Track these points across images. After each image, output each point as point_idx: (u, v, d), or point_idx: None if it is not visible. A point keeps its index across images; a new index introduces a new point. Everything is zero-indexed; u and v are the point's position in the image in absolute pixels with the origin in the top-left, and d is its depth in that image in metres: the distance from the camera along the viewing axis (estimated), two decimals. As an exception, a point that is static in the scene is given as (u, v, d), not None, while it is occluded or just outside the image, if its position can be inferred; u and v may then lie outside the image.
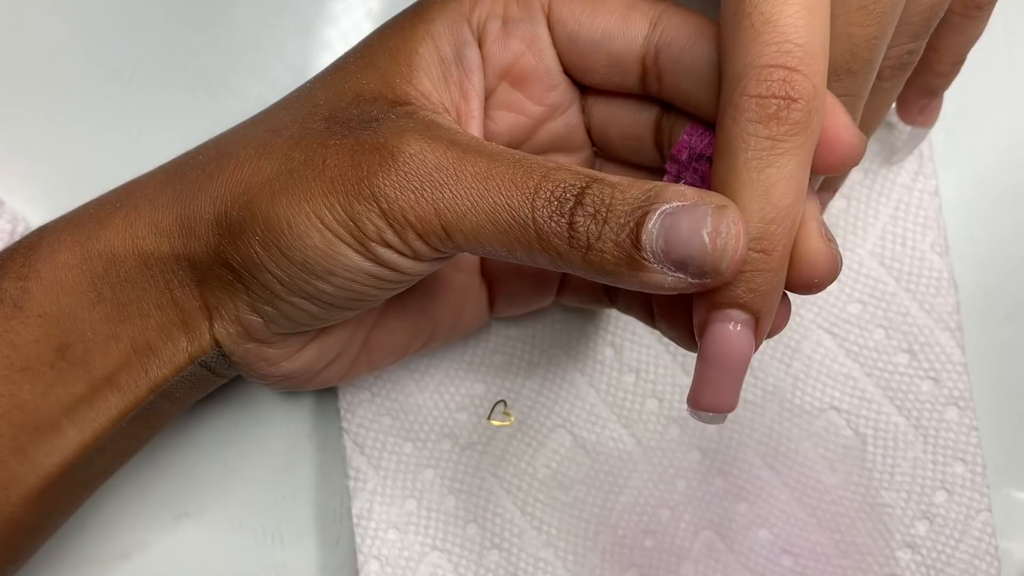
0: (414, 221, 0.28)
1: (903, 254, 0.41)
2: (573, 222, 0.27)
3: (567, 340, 0.41)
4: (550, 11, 0.32)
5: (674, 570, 0.39)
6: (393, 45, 0.31)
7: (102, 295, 0.31)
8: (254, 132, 0.32)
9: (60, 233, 0.32)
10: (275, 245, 0.29)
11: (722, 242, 0.26)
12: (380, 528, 0.39)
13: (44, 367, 0.31)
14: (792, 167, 0.27)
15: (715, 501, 0.40)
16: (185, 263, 0.31)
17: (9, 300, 0.31)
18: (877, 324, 0.40)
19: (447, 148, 0.28)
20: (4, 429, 0.31)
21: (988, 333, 0.41)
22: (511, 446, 0.40)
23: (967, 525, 0.39)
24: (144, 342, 0.32)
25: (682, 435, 0.40)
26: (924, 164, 0.41)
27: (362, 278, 0.29)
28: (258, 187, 0.29)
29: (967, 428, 0.39)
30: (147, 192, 0.32)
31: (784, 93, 0.26)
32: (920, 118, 0.39)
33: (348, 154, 0.29)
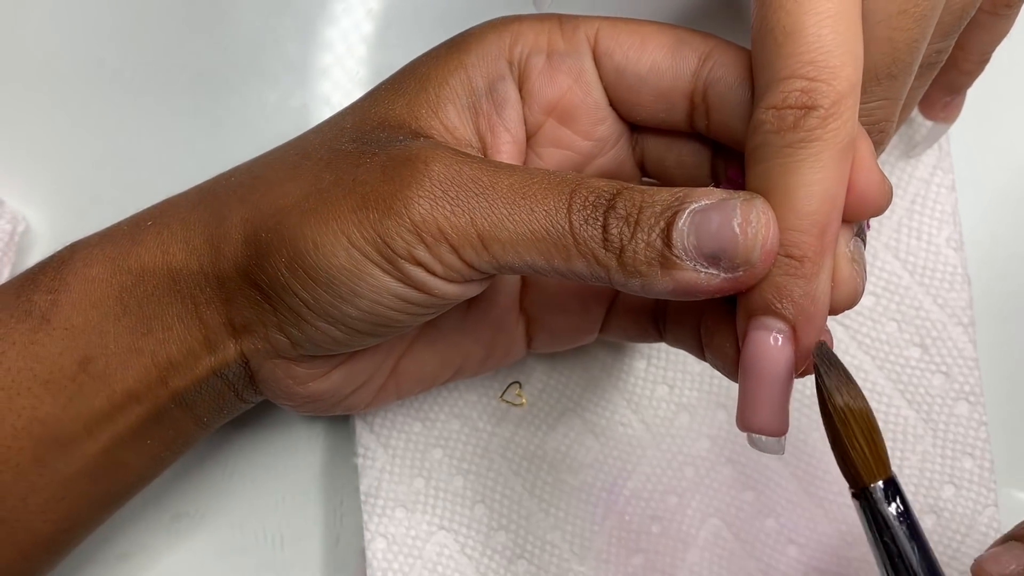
0: (448, 231, 0.28)
1: (918, 248, 0.41)
2: (607, 226, 0.27)
3: (579, 324, 0.41)
4: (596, 44, 0.31)
5: (680, 557, 0.39)
6: (424, 73, 0.31)
7: (127, 308, 0.31)
8: (284, 155, 0.32)
9: (92, 248, 0.32)
10: (300, 266, 0.29)
11: (752, 231, 0.26)
12: (388, 506, 0.39)
13: (66, 380, 0.31)
14: (815, 174, 0.27)
15: (723, 489, 0.40)
16: (214, 281, 0.31)
17: (38, 313, 0.31)
18: (890, 317, 0.40)
19: (480, 162, 0.28)
20: (24, 442, 0.31)
21: (989, 333, 0.41)
22: (520, 428, 0.40)
23: (974, 520, 0.39)
24: (165, 356, 0.32)
25: (691, 422, 0.40)
26: (942, 159, 0.41)
27: (388, 300, 0.29)
28: (288, 208, 0.29)
29: (976, 423, 0.39)
30: (179, 211, 0.32)
31: (802, 103, 0.26)
32: (942, 114, 0.39)
33: (379, 169, 0.28)
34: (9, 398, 0.31)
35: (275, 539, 0.40)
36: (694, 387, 0.40)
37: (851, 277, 0.28)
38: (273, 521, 0.40)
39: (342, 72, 0.43)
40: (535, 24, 0.32)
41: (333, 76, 0.43)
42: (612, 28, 0.31)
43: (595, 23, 0.32)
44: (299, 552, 0.40)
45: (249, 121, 0.42)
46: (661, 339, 0.35)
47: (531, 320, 0.36)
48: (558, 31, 0.32)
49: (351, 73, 0.43)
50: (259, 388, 0.33)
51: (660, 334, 0.34)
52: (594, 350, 0.40)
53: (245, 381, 0.33)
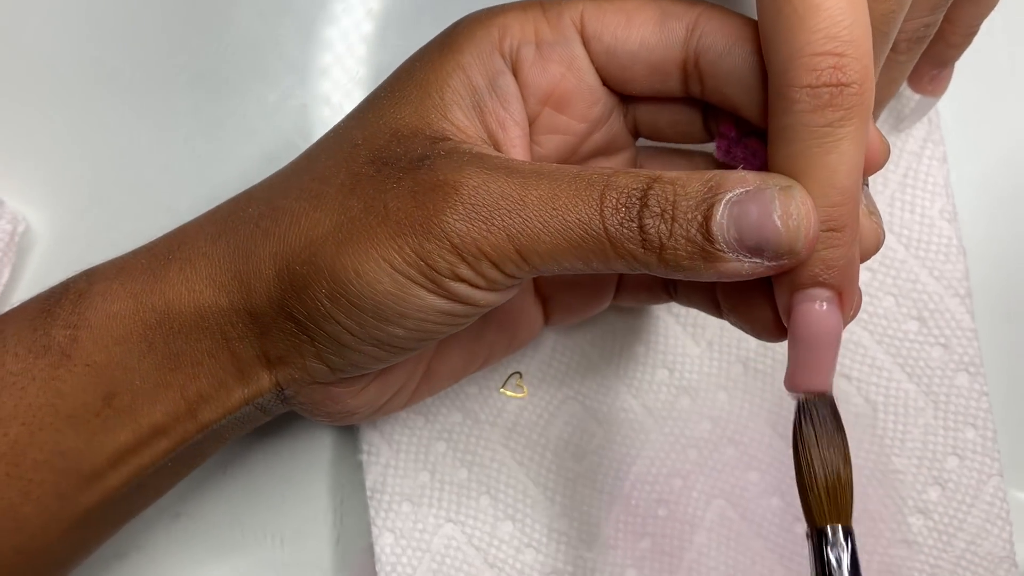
0: (488, 250, 0.28)
1: (912, 221, 0.41)
2: (643, 225, 0.27)
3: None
4: (583, 28, 0.31)
5: (687, 539, 0.39)
6: (423, 78, 0.31)
7: (153, 345, 0.31)
8: (300, 182, 0.31)
9: (111, 282, 0.32)
10: (343, 296, 0.29)
11: (794, 223, 0.26)
12: (394, 501, 0.39)
13: (90, 415, 0.31)
14: (852, 149, 0.27)
15: (727, 470, 0.40)
16: (246, 317, 0.31)
17: (57, 348, 0.31)
18: (887, 292, 0.40)
19: (507, 176, 0.28)
20: (46, 475, 0.31)
21: (989, 334, 0.41)
22: (522, 418, 0.40)
23: (979, 490, 0.39)
24: (196, 390, 0.31)
25: (693, 405, 0.40)
26: (932, 131, 0.41)
27: (434, 316, 0.29)
28: (320, 240, 0.29)
29: (977, 393, 0.40)
30: (200, 245, 0.32)
31: (836, 80, 0.26)
32: (930, 87, 0.39)
33: (409, 196, 0.28)
34: (31, 433, 0.30)
35: (275, 539, 0.40)
36: (694, 370, 0.40)
37: (873, 227, 0.29)
38: (273, 521, 0.40)
39: (342, 72, 0.43)
40: (519, 15, 0.32)
41: (333, 76, 0.43)
42: (596, 9, 0.31)
43: (578, 6, 0.31)
44: (299, 552, 0.40)
45: (249, 121, 0.42)
46: (672, 299, 0.35)
47: (547, 299, 0.37)
48: (543, 19, 0.31)
49: (351, 73, 0.43)
50: (292, 407, 0.33)
51: (671, 295, 0.35)
52: (592, 336, 0.41)
53: (278, 404, 0.33)
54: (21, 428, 0.30)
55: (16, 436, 0.30)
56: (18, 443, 0.30)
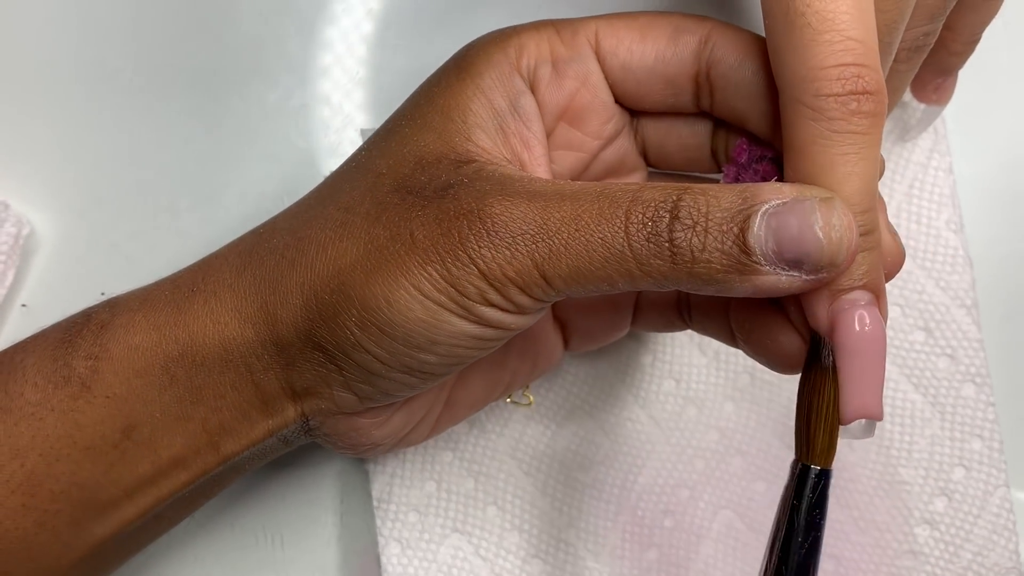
0: (514, 276, 0.28)
1: (918, 232, 0.41)
2: (673, 239, 0.27)
3: (583, 322, 0.41)
4: (598, 45, 0.32)
5: (694, 549, 0.39)
6: (444, 104, 0.31)
7: (175, 378, 0.31)
8: (324, 212, 0.31)
9: (134, 314, 0.31)
10: (373, 324, 0.29)
11: (837, 235, 0.26)
12: (400, 511, 0.39)
13: (108, 447, 0.30)
14: (877, 155, 0.28)
15: (733, 481, 0.40)
16: (272, 348, 0.30)
17: (77, 379, 0.30)
18: (893, 302, 0.40)
19: (529, 200, 0.28)
20: (62, 506, 0.30)
21: (988, 334, 0.41)
22: (529, 428, 0.40)
23: (985, 501, 0.39)
24: (217, 422, 0.31)
25: (699, 415, 0.40)
26: (939, 142, 0.41)
27: (465, 341, 0.29)
28: (348, 269, 0.29)
29: (984, 404, 0.40)
30: (225, 277, 0.31)
31: (861, 88, 0.27)
32: (934, 96, 0.39)
33: (435, 224, 0.28)
34: (48, 464, 0.30)
35: (274, 538, 0.40)
36: (701, 380, 0.40)
37: (896, 246, 0.30)
38: (272, 520, 0.40)
39: (342, 72, 0.43)
40: (534, 34, 0.32)
41: (333, 76, 0.43)
42: (610, 27, 0.32)
43: (591, 24, 0.32)
44: (299, 551, 0.40)
45: (249, 121, 0.42)
46: (688, 327, 0.35)
47: (564, 326, 0.37)
48: (557, 38, 0.32)
49: (351, 73, 0.43)
50: (315, 439, 0.33)
51: (686, 323, 0.35)
52: (600, 347, 0.41)
53: (301, 436, 0.33)
54: (38, 459, 0.30)
55: (33, 466, 0.30)
56: (35, 474, 0.30)
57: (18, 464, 0.30)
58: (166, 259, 0.40)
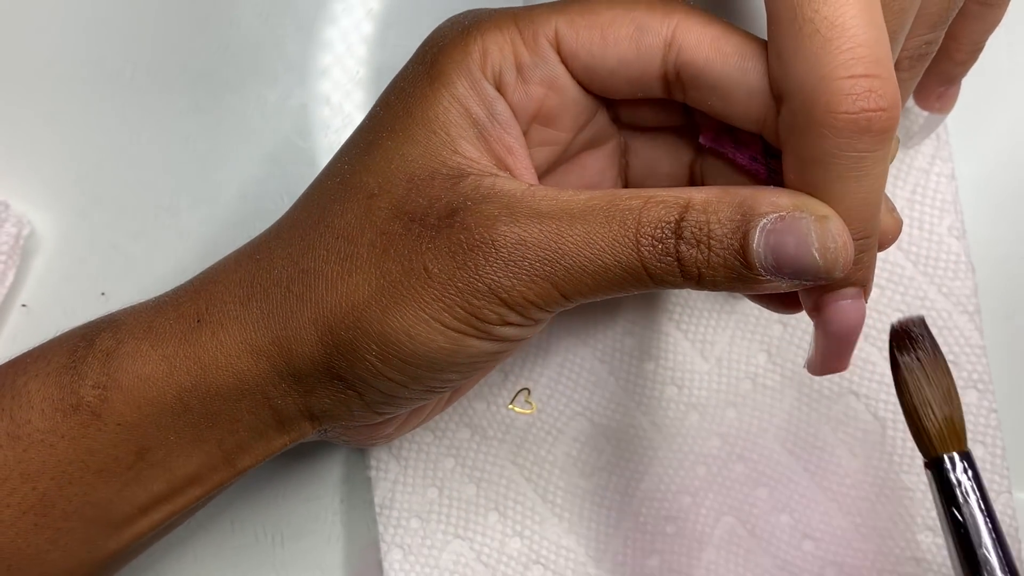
0: (534, 299, 0.28)
1: (920, 238, 0.41)
2: (680, 256, 0.28)
3: (585, 328, 0.41)
4: (559, 47, 0.31)
5: (696, 556, 0.39)
6: (422, 116, 0.31)
7: (189, 407, 0.31)
8: (323, 240, 0.31)
9: (139, 342, 0.31)
10: (396, 356, 0.29)
11: (832, 255, 0.27)
12: (402, 517, 0.39)
13: (122, 469, 0.31)
14: (884, 171, 0.28)
15: (735, 487, 0.40)
16: (289, 379, 0.31)
17: (86, 408, 0.30)
18: (895, 308, 0.40)
19: (540, 223, 0.28)
20: (75, 524, 0.31)
21: (989, 334, 0.41)
22: (530, 434, 0.40)
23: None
24: (234, 443, 0.31)
25: (701, 421, 0.40)
26: (941, 148, 0.41)
27: (485, 357, 0.30)
28: (363, 305, 0.29)
29: (986, 410, 0.39)
30: (229, 308, 0.31)
31: (875, 105, 0.26)
32: (937, 105, 0.39)
33: (448, 257, 0.29)
34: (60, 486, 0.30)
35: (274, 537, 0.40)
36: (703, 386, 0.40)
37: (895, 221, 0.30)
38: (272, 519, 0.40)
39: (342, 72, 0.43)
40: (496, 36, 0.31)
41: (333, 76, 0.43)
42: (570, 26, 0.31)
43: (551, 22, 0.31)
44: (298, 550, 0.40)
45: (249, 121, 0.42)
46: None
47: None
48: (519, 40, 0.31)
49: (351, 73, 0.43)
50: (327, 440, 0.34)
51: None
52: (601, 353, 0.41)
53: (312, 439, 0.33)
54: (50, 482, 0.30)
55: (45, 490, 0.30)
56: (47, 496, 0.30)
57: (30, 488, 0.30)
58: (166, 259, 0.40)
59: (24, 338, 0.40)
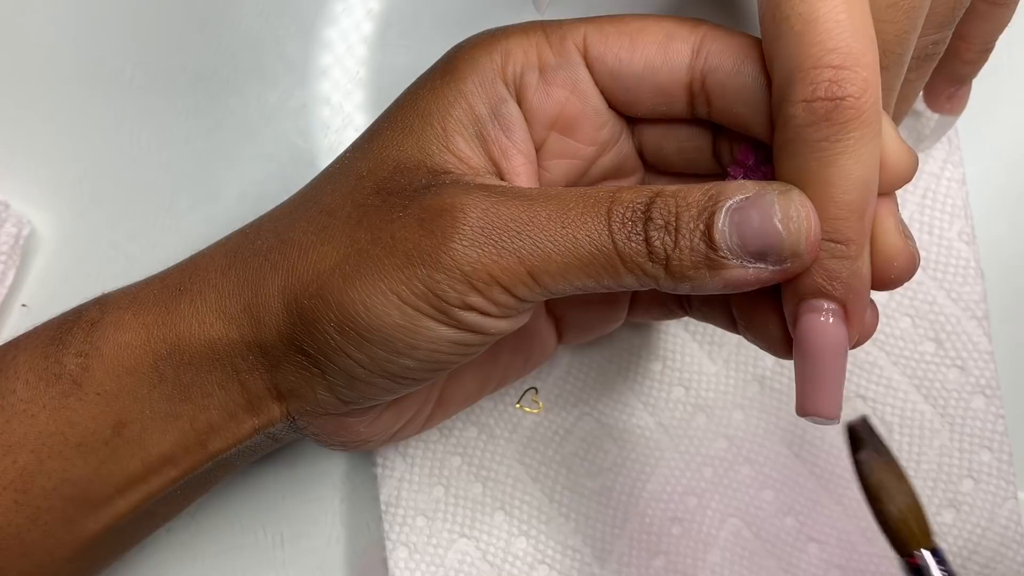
0: (499, 275, 0.28)
1: (930, 243, 0.41)
2: (648, 238, 0.27)
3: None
4: (586, 51, 0.31)
5: (701, 557, 0.39)
6: (425, 108, 0.31)
7: (164, 376, 0.31)
8: (308, 214, 0.31)
9: (123, 312, 0.32)
10: (352, 329, 0.29)
11: (795, 225, 0.27)
12: (408, 515, 0.39)
13: (99, 444, 0.31)
14: (852, 164, 0.27)
15: (741, 489, 0.40)
16: (256, 350, 0.31)
17: (68, 376, 0.31)
18: (903, 313, 0.40)
19: (514, 198, 0.28)
20: (54, 502, 0.31)
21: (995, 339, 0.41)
22: (537, 433, 0.40)
23: (994, 513, 0.39)
24: (205, 421, 0.31)
25: (708, 423, 0.40)
26: (952, 152, 0.41)
27: (446, 347, 0.29)
28: (328, 273, 0.29)
29: (994, 416, 0.40)
30: (211, 277, 0.32)
31: (831, 94, 0.26)
32: (948, 106, 0.39)
33: (416, 224, 0.28)
34: (40, 460, 0.30)
35: (274, 537, 0.40)
36: (710, 388, 0.40)
37: (906, 248, 0.29)
38: (272, 519, 0.40)
39: (342, 72, 0.43)
40: (521, 39, 0.31)
41: (333, 76, 0.43)
42: (599, 32, 0.31)
43: (580, 29, 0.31)
44: (298, 550, 0.40)
45: (249, 121, 0.42)
46: (687, 315, 0.35)
47: (559, 319, 0.37)
48: (545, 43, 0.31)
49: (351, 73, 0.43)
50: (305, 436, 0.33)
51: (686, 310, 0.35)
52: (609, 353, 0.41)
53: (289, 434, 0.33)
54: (30, 456, 0.30)
55: (25, 463, 0.30)
56: (27, 470, 0.30)
57: (10, 461, 0.30)
58: (166, 259, 0.40)
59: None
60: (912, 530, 0.30)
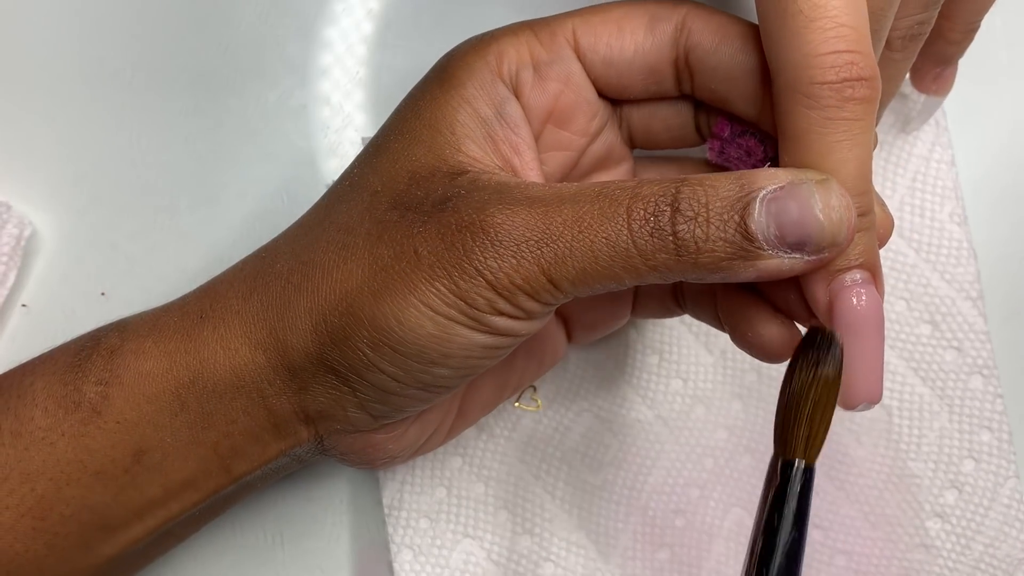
0: (522, 284, 0.28)
1: (922, 225, 0.41)
2: (676, 231, 0.27)
3: (589, 323, 0.41)
4: (576, 43, 0.32)
5: (706, 548, 0.39)
6: (430, 117, 0.31)
7: (186, 404, 0.31)
8: (326, 235, 0.31)
9: (143, 340, 0.31)
10: (386, 344, 0.29)
11: (837, 216, 0.27)
12: (411, 517, 0.39)
13: (119, 472, 0.31)
14: (871, 140, 0.28)
15: (743, 478, 0.40)
16: (284, 373, 0.31)
17: (88, 405, 0.31)
18: (898, 296, 0.40)
19: (530, 206, 0.28)
20: (71, 528, 0.31)
21: (993, 320, 0.41)
22: (537, 431, 0.40)
23: (996, 492, 0.39)
24: (229, 446, 0.31)
25: (708, 414, 0.40)
26: (940, 134, 0.41)
27: (478, 352, 0.29)
28: (355, 291, 0.29)
29: (992, 396, 0.40)
30: (232, 303, 0.31)
31: (856, 75, 0.27)
32: (934, 87, 0.39)
33: (438, 239, 0.28)
34: (58, 488, 0.30)
35: (275, 537, 0.40)
36: (708, 379, 0.40)
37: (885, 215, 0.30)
38: (273, 519, 0.40)
39: (342, 72, 0.43)
40: (512, 39, 0.32)
41: (333, 76, 0.43)
42: (586, 24, 0.32)
43: (567, 23, 0.32)
44: (299, 550, 0.40)
45: (249, 121, 0.42)
46: (683, 312, 0.35)
47: (567, 320, 0.37)
48: (535, 41, 0.32)
49: (351, 73, 0.43)
50: (330, 457, 0.33)
51: (681, 308, 0.35)
52: (605, 348, 0.41)
53: (315, 454, 0.33)
54: (48, 484, 0.30)
55: (43, 491, 0.30)
56: (45, 498, 0.30)
57: (28, 488, 0.30)
58: (166, 259, 0.40)
59: (24, 338, 0.40)
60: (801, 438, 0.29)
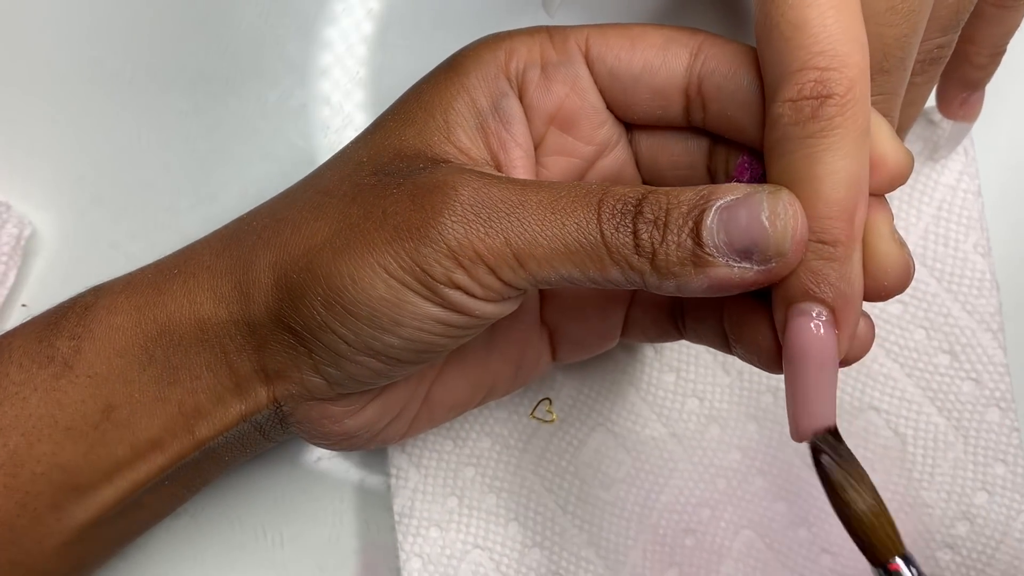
0: (485, 253, 0.28)
1: (945, 255, 0.40)
2: (637, 231, 0.27)
3: (606, 338, 0.41)
4: (588, 50, 0.32)
5: (715, 569, 0.39)
6: (429, 100, 0.31)
7: (153, 357, 0.31)
8: (305, 195, 0.32)
9: (117, 295, 0.32)
10: (338, 303, 0.29)
11: (782, 223, 0.27)
12: (422, 526, 0.39)
13: (88, 428, 0.31)
14: (840, 162, 0.27)
15: (755, 500, 0.40)
16: (244, 328, 0.31)
17: (60, 359, 0.31)
18: (918, 325, 0.40)
19: (507, 182, 0.29)
20: (43, 487, 0.31)
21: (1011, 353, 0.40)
22: (551, 445, 0.40)
23: (1008, 526, 0.39)
24: (193, 404, 0.31)
25: (722, 434, 0.40)
26: (968, 164, 0.41)
27: (430, 326, 0.29)
28: (318, 247, 0.29)
29: (1008, 429, 0.39)
30: (204, 259, 0.32)
31: (817, 93, 0.27)
32: (961, 112, 0.39)
33: (408, 198, 0.29)
34: (30, 444, 0.31)
35: (275, 537, 0.40)
36: (724, 399, 0.40)
37: (901, 256, 0.29)
38: (273, 519, 0.40)
39: (342, 72, 0.43)
40: (526, 39, 0.32)
41: (333, 76, 0.43)
42: (601, 34, 0.32)
43: (583, 31, 0.32)
44: (299, 550, 0.40)
45: (249, 121, 0.42)
46: (682, 337, 0.35)
47: (553, 331, 0.36)
48: (548, 43, 0.32)
49: (351, 73, 0.43)
50: (290, 430, 0.33)
51: (680, 332, 0.35)
52: (622, 364, 0.41)
53: (276, 424, 0.33)
54: (20, 439, 0.31)
55: (15, 447, 0.31)
56: (17, 454, 0.31)
57: (0, 443, 0.31)
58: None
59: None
60: (887, 535, 0.29)
